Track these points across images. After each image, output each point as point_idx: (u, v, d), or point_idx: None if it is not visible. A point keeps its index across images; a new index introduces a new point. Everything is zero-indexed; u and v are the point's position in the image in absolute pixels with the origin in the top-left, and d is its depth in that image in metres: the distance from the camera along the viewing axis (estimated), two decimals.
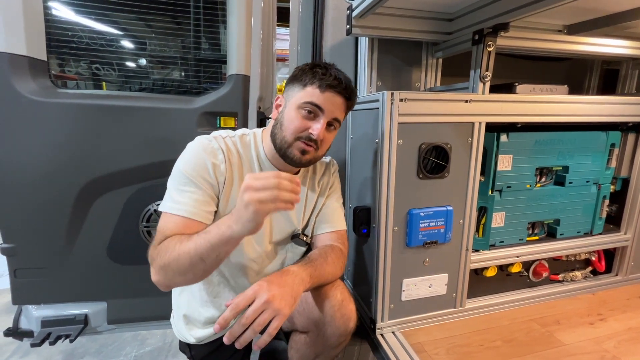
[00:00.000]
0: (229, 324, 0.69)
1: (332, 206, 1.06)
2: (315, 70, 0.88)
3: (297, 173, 1.01)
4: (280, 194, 0.64)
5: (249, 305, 0.69)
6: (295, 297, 0.75)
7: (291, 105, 0.89)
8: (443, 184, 1.17)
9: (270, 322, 0.69)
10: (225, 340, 0.69)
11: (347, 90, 0.89)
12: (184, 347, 1.04)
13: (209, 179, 0.85)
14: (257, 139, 0.96)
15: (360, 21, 1.20)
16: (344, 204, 1.45)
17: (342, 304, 0.89)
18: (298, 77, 0.90)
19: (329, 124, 0.89)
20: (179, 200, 0.81)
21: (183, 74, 1.37)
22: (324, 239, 1.02)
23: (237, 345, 0.69)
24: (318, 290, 0.91)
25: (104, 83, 1.31)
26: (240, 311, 0.69)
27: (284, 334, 1.08)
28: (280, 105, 0.93)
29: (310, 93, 0.87)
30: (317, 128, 0.86)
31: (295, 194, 0.67)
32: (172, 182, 0.85)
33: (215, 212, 0.88)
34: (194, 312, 0.98)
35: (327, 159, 1.11)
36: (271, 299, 0.69)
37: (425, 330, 1.25)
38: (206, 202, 0.84)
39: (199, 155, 0.86)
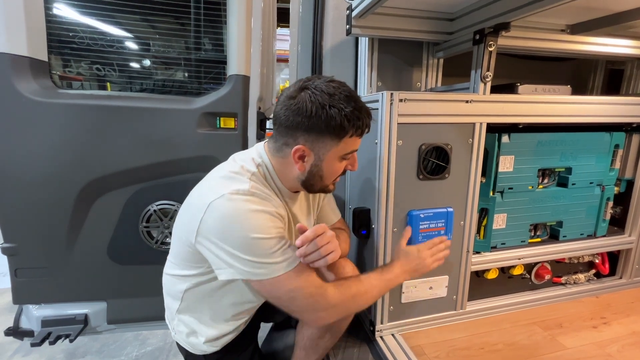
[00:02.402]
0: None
1: (324, 202, 1.12)
2: (350, 119, 0.79)
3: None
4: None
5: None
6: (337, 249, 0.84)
7: (330, 158, 0.85)
8: (443, 185, 1.15)
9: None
10: (298, 253, 0.80)
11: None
12: (197, 358, 1.01)
13: (282, 226, 0.83)
14: (269, 170, 0.90)
15: (360, 21, 1.19)
16: (343, 205, 1.46)
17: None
18: (329, 130, 0.80)
19: None
20: (285, 257, 0.80)
21: (183, 74, 1.37)
22: None
23: (304, 261, 0.81)
24: (331, 265, 0.96)
25: (108, 84, 1.31)
26: (312, 239, 0.79)
27: (295, 322, 1.10)
28: (303, 156, 0.84)
29: (351, 143, 0.85)
30: (355, 164, 0.92)
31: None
32: (251, 254, 0.76)
33: None
34: (216, 331, 0.96)
35: None
36: (334, 237, 0.82)
37: (425, 332, 1.24)
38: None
39: (260, 214, 0.79)
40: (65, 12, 1.21)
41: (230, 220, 0.76)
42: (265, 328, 1.34)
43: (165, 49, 1.32)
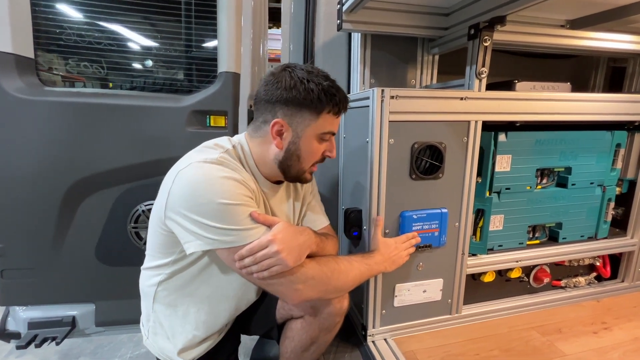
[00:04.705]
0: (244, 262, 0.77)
1: (312, 205, 1.08)
2: (329, 91, 0.82)
3: (280, 182, 0.98)
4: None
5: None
6: (302, 255, 0.81)
7: (308, 136, 0.85)
8: (437, 185, 1.12)
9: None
10: (237, 258, 0.77)
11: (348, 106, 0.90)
12: None
13: (251, 195, 0.81)
14: (245, 151, 0.89)
15: (351, 16, 1.15)
16: (336, 205, 1.43)
17: None
18: (307, 102, 0.81)
19: None
20: (256, 225, 0.78)
21: (174, 71, 1.34)
22: None
23: (245, 271, 0.78)
24: None
25: (110, 84, 1.29)
26: (254, 254, 0.76)
27: (277, 328, 1.05)
28: (282, 132, 0.84)
29: (330, 121, 0.86)
30: (333, 149, 0.91)
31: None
32: (218, 220, 0.74)
33: None
34: (190, 335, 0.93)
35: None
36: (280, 251, 0.76)
37: (418, 337, 1.21)
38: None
39: (227, 180, 0.77)
40: (53, 8, 1.19)
41: (197, 186, 0.75)
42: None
43: (156, 46, 1.30)
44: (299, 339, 0.96)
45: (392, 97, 1.01)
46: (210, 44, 1.31)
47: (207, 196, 0.73)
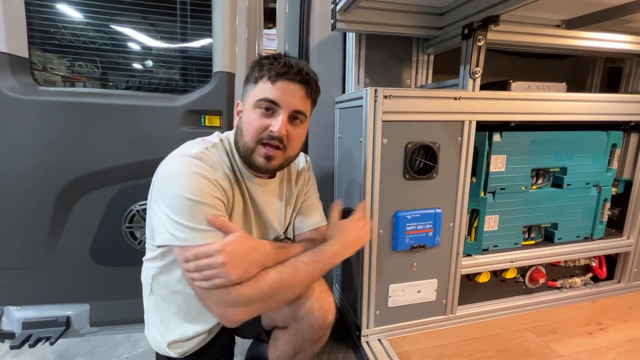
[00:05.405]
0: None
1: (308, 202, 1.05)
2: (262, 62, 0.82)
3: (272, 177, 0.96)
4: None
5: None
6: (249, 272, 0.76)
7: (247, 107, 0.84)
8: (431, 185, 1.12)
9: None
10: (183, 259, 0.74)
11: (301, 75, 0.80)
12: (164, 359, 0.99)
13: (221, 197, 0.79)
14: (230, 143, 0.89)
15: (345, 15, 1.15)
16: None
17: (320, 296, 0.90)
18: (249, 76, 0.85)
19: (293, 118, 0.83)
20: (210, 229, 0.75)
21: (168, 71, 1.34)
22: (306, 237, 1.02)
23: (187, 275, 0.75)
24: None
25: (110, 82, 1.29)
26: (198, 260, 0.73)
27: (266, 333, 1.04)
28: (240, 112, 0.88)
29: (262, 88, 0.80)
30: (277, 124, 0.80)
31: None
32: (178, 214, 0.73)
33: None
34: (182, 329, 0.92)
35: (299, 157, 1.06)
36: (225, 263, 0.72)
37: (412, 338, 1.20)
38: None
39: (198, 177, 0.76)
40: (47, 7, 1.19)
41: (169, 178, 0.76)
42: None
43: (150, 46, 1.29)
44: (282, 349, 0.95)
45: (385, 97, 1.00)
46: (205, 43, 1.30)
47: (175, 189, 0.74)
